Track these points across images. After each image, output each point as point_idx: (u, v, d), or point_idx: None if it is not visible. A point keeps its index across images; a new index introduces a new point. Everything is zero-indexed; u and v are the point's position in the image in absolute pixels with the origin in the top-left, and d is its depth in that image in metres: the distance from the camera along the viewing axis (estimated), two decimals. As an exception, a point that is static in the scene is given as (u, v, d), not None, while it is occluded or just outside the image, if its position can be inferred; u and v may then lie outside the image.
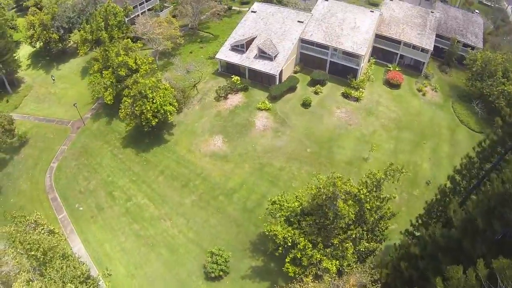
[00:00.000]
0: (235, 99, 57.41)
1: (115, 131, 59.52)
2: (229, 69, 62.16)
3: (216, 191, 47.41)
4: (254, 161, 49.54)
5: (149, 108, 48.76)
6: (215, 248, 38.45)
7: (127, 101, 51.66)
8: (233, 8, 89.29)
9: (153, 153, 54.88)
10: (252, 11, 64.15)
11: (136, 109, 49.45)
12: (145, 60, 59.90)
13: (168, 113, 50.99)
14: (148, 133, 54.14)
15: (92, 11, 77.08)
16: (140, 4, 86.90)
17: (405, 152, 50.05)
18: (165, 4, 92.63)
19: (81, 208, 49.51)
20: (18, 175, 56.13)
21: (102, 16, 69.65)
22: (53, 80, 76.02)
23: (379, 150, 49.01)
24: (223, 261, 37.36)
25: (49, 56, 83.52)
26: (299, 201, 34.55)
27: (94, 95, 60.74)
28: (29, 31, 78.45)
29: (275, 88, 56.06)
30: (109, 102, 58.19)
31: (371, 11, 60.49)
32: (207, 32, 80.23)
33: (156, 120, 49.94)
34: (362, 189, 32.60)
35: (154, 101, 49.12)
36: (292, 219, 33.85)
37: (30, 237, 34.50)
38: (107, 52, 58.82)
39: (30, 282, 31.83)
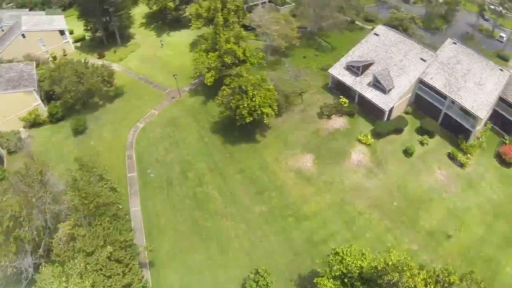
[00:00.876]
0: (338, 122, 63.52)
1: (208, 113, 70.74)
2: (339, 88, 68.80)
3: (288, 211, 53.12)
4: (337, 195, 54.23)
5: (246, 105, 56.31)
6: (262, 268, 42.87)
7: (225, 91, 60.49)
8: (356, 22, 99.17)
9: (239, 149, 63.88)
10: (375, 34, 69.79)
11: (232, 102, 58.11)
12: (254, 53, 70.83)
13: (265, 115, 58.20)
14: (240, 127, 60.94)
15: None
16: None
17: (493, 246, 49.50)
18: (287, 0, 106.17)
19: (152, 175, 60.62)
20: (105, 122, 70.29)
21: None
22: (162, 44, 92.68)
23: (466, 232, 49.74)
24: (263, 284, 41.36)
25: (163, 21, 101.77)
26: (362, 261, 37.00)
27: (196, 72, 72.81)
28: None
29: (382, 124, 60.83)
30: (209, 84, 69.49)
31: (500, 69, 60.80)
32: (325, 41, 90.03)
33: (251, 118, 57.20)
34: (430, 285, 34.00)
35: (254, 99, 56.37)
36: (346, 280, 36.43)
37: (90, 187, 44.06)
38: (217, 36, 70.70)
39: (76, 227, 41.75)
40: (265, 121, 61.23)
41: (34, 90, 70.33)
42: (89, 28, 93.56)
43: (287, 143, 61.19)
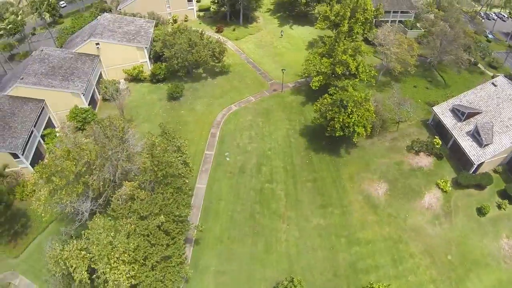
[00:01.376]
0: (424, 160, 67.03)
1: (303, 115, 75.80)
2: (437, 127, 72.70)
3: (344, 231, 57.05)
4: (396, 231, 57.58)
5: (341, 120, 62.30)
6: (298, 278, 46.96)
7: (326, 99, 66.18)
8: (479, 65, 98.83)
9: (320, 158, 67.86)
10: (493, 83, 71.22)
11: (329, 113, 63.47)
12: (367, 70, 73.86)
13: (356, 134, 63.63)
14: (328, 138, 67.85)
15: None
16: (394, 12, 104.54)
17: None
18: (417, 25, 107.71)
19: (228, 159, 67.35)
20: (201, 95, 79.23)
21: (351, 5, 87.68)
22: (281, 35, 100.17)
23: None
24: (294, 294, 46.15)
25: (289, 12, 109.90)
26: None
27: (305, 72, 78.00)
28: None
29: (465, 176, 62.87)
30: (314, 87, 74.45)
31: None
32: (440, 76, 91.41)
33: (341, 133, 62.58)
34: None
35: (351, 116, 61.65)
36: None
37: (165, 156, 49.54)
38: (336, 44, 74.60)
39: (139, 190, 47.65)
40: (354, 140, 65.43)
41: (146, 48, 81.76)
42: (216, 1, 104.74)
43: (368, 166, 65.81)
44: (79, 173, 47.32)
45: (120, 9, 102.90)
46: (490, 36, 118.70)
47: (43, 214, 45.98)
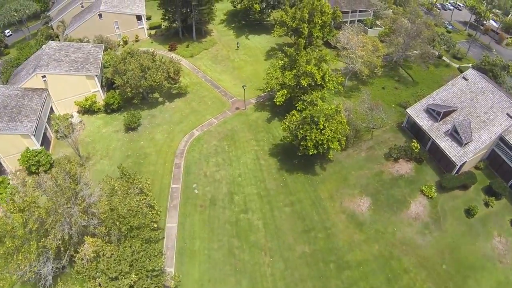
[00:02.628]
0: (404, 167, 64.14)
1: (270, 132, 71.28)
2: (413, 129, 70.25)
3: (331, 256, 53.06)
4: (386, 247, 54.28)
5: (313, 138, 57.75)
6: None
7: (295, 116, 61.58)
8: (443, 58, 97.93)
9: (294, 179, 63.70)
10: (463, 77, 69.69)
11: (300, 132, 58.39)
12: (333, 78, 70.08)
13: (331, 150, 60.95)
14: (300, 155, 64.25)
15: None
16: (352, 12, 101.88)
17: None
18: (377, 22, 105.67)
19: (196, 191, 62.00)
20: (160, 122, 73.54)
21: (308, 9, 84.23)
22: (238, 47, 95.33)
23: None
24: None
25: (245, 21, 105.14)
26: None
27: (267, 87, 73.66)
28: None
29: (449, 179, 60.80)
30: (278, 103, 70.10)
31: None
32: (407, 73, 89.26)
33: (315, 152, 58.68)
34: None
35: (323, 132, 57.58)
36: None
37: (126, 205, 45.38)
38: (297, 54, 70.33)
39: (104, 245, 43.44)
40: (329, 156, 61.93)
41: (96, 76, 75.48)
42: (167, 17, 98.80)
43: (346, 181, 62.22)
44: (32, 231, 42.82)
45: (67, 35, 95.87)
46: (449, 27, 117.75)
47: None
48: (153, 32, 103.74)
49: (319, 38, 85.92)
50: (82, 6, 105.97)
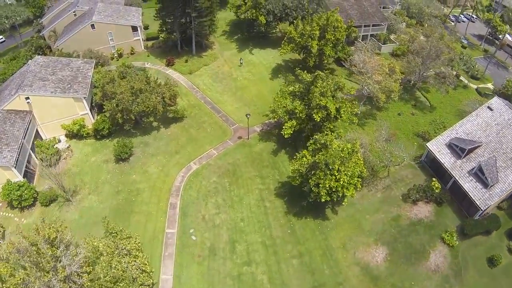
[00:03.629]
0: (423, 210, 58.26)
1: (277, 168, 63.97)
2: (432, 165, 63.91)
3: None
4: None
5: (327, 186, 50.27)
6: None
7: (306, 158, 52.92)
8: (461, 78, 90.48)
9: (303, 224, 56.65)
10: (488, 107, 63.70)
11: (312, 179, 51.11)
12: (349, 109, 62.20)
13: (346, 198, 52.60)
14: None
15: (311, 11, 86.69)
16: (365, 26, 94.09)
17: None
18: (391, 37, 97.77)
19: (194, 238, 54.75)
20: (154, 152, 66.08)
21: (320, 24, 76.63)
22: (241, 63, 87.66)
23: None
24: None
25: (249, 33, 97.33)
26: None
27: (274, 116, 64.23)
28: (239, 0, 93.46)
29: (472, 225, 55.45)
30: (286, 136, 62.59)
31: None
32: (424, 96, 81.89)
33: (328, 199, 51.49)
34: None
35: (338, 178, 50.12)
36: None
37: (114, 266, 39.54)
38: (312, 85, 61.71)
39: None
40: (344, 203, 54.50)
41: (85, 98, 68.09)
42: (164, 29, 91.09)
43: (360, 227, 56.19)
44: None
45: (57, 47, 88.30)
46: (464, 41, 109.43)
47: None
48: (150, 43, 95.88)
49: (330, 57, 78.07)
50: (75, 15, 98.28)
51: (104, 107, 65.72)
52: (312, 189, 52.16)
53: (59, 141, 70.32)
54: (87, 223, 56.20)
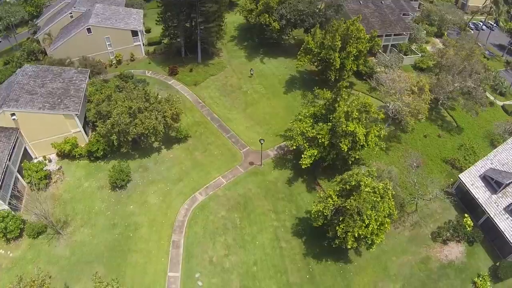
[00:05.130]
0: (454, 251, 52.53)
1: (293, 202, 56.77)
2: (464, 199, 57.76)
3: None
4: None
5: (356, 233, 43.19)
6: None
7: (331, 200, 45.09)
8: (486, 93, 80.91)
9: (323, 268, 49.79)
10: None
11: (340, 227, 44.19)
12: (376, 133, 55.27)
13: (375, 245, 45.92)
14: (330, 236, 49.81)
15: (332, 18, 79.20)
16: (386, 35, 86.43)
17: None
18: (413, 48, 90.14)
19: (200, 284, 47.61)
20: (154, 179, 58.88)
21: (341, 34, 69.17)
22: (251, 74, 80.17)
23: None
24: None
25: (259, 39, 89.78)
26: None
27: (293, 143, 56.10)
28: (249, 4, 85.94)
29: (507, 267, 49.88)
30: (304, 167, 54.18)
31: None
32: (450, 115, 74.77)
33: (355, 245, 44.87)
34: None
35: (367, 224, 43.32)
36: None
37: None
38: (335, 103, 55.22)
39: None
40: (372, 249, 47.19)
41: (76, 115, 60.87)
42: (167, 34, 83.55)
43: (386, 271, 49.90)
44: None
45: (51, 52, 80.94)
46: (486, 52, 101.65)
47: None
48: (151, 49, 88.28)
49: (351, 71, 70.67)
50: (71, 16, 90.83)
51: (98, 128, 58.34)
52: (339, 235, 44.75)
53: (50, 161, 63.18)
54: (79, 261, 49.39)
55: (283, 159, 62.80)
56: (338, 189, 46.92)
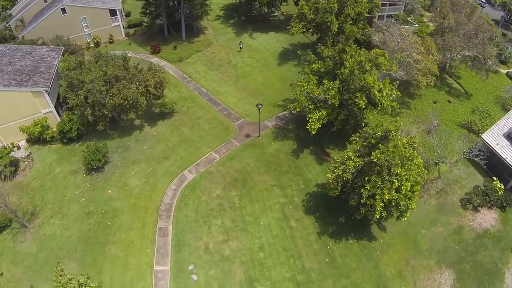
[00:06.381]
0: (488, 218, 43.42)
1: (300, 174, 44.98)
2: (491, 162, 47.77)
3: None
4: None
5: (386, 197, 32.58)
6: None
7: (353, 161, 34.55)
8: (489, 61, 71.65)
9: (345, 248, 38.40)
10: None
11: (366, 187, 33.00)
12: (389, 92, 44.74)
13: (407, 212, 35.67)
14: (349, 208, 38.84)
15: None
16: (382, 5, 75.44)
17: None
18: (409, 19, 79.65)
19: (194, 278, 35.65)
20: (136, 158, 46.77)
21: None
22: (240, 48, 68.51)
23: None
24: None
25: (246, 17, 78.27)
26: None
27: (296, 106, 45.17)
28: None
29: None
30: (313, 132, 43.52)
31: None
32: (457, 83, 64.08)
33: (384, 215, 34.38)
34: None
35: (400, 185, 32.98)
36: None
37: None
38: (343, 55, 44.20)
39: None
40: (404, 218, 36.11)
41: (47, 91, 48.48)
42: (148, 11, 71.11)
43: (417, 246, 39.90)
44: None
45: (23, 36, 68.16)
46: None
47: None
48: (132, 31, 75.72)
49: (351, 37, 58.99)
50: (45, 1, 77.42)
51: (69, 100, 46.00)
52: (366, 201, 32.90)
53: (18, 148, 50.50)
54: (47, 259, 37.48)
55: (283, 129, 50.97)
56: (358, 147, 35.14)
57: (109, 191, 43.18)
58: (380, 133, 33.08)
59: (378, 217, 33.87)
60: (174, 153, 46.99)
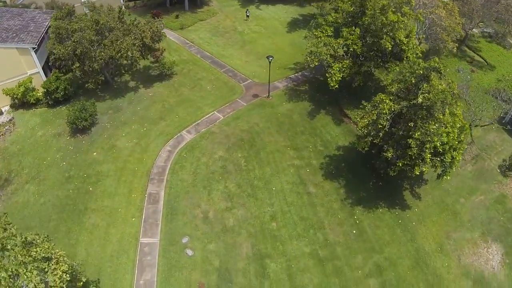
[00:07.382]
0: None
1: (317, 135, 36.08)
2: None
3: None
4: None
5: (436, 142, 25.15)
6: None
7: (385, 105, 26.44)
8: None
9: (374, 217, 29.71)
10: None
11: (416, 133, 24.53)
12: (414, 47, 36.33)
13: (453, 166, 28.94)
14: (377, 174, 31.40)
15: None
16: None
17: None
18: None
19: (189, 252, 26.76)
20: (128, 119, 37.98)
21: None
22: (247, 16, 59.83)
23: None
24: None
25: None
26: None
27: (309, 61, 36.92)
28: None
29: None
30: (333, 87, 35.36)
31: None
32: (478, 55, 55.45)
33: (429, 168, 27.97)
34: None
35: (449, 135, 25.96)
36: None
37: None
38: (363, 3, 35.52)
39: None
40: (447, 176, 28.65)
41: (34, 49, 39.90)
42: (149, -19, 62.84)
43: (457, 216, 32.35)
44: None
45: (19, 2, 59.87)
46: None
47: None
48: (132, 4, 66.96)
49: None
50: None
51: (55, 51, 37.29)
52: (413, 151, 24.03)
53: (1, 113, 41.83)
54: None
55: (296, 90, 42.10)
56: (393, 89, 26.22)
57: (94, 153, 34.47)
58: (421, 71, 24.25)
59: (417, 173, 25.14)
60: (171, 113, 38.20)
